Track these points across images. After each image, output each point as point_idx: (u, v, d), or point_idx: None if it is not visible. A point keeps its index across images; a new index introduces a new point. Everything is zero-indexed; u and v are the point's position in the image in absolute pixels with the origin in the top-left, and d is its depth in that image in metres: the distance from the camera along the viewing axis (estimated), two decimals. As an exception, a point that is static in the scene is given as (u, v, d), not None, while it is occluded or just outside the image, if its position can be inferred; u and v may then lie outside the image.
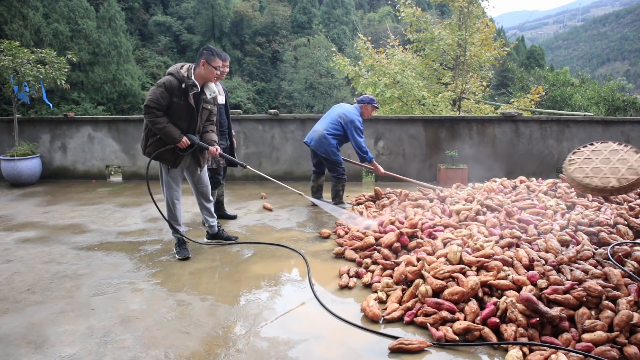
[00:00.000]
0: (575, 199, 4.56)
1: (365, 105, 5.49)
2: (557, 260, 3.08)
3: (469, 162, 7.17)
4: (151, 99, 3.58)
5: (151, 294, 3.24)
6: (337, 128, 5.36)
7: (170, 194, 3.92)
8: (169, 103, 3.62)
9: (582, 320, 2.57)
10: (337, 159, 5.41)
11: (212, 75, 3.73)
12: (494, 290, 2.91)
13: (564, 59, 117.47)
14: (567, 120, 7.39)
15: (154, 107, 3.58)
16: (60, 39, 25.12)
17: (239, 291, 3.30)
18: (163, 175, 3.91)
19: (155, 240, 4.49)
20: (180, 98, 3.64)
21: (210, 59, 3.69)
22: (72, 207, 5.84)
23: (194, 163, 4.01)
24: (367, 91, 12.15)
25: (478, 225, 3.95)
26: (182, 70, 3.67)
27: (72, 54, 8.12)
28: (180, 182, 3.97)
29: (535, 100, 13.46)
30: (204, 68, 3.70)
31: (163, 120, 3.62)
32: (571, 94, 18.12)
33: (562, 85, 19.69)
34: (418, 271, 3.15)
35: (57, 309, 3.00)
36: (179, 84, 3.62)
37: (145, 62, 34.43)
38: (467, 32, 11.78)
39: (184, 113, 3.72)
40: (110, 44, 27.77)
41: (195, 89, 3.66)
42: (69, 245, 4.34)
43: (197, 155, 3.96)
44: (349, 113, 5.36)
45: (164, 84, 3.60)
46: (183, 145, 3.73)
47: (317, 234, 4.59)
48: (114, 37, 28.09)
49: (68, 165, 7.78)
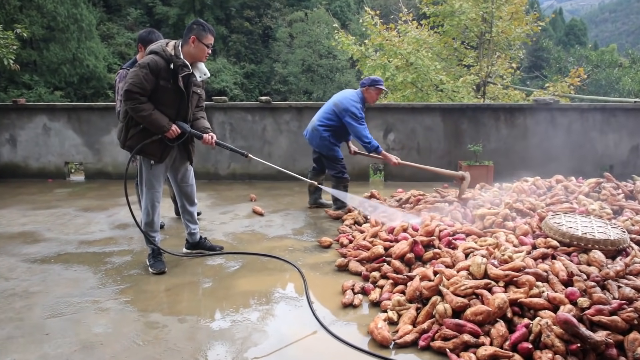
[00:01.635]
0: (623, 202, 4.56)
1: (367, 88, 5.42)
2: (602, 275, 3.09)
3: (495, 158, 7.19)
4: (133, 82, 3.53)
5: (119, 315, 3.23)
6: (331, 118, 5.39)
7: (152, 195, 3.91)
8: (155, 87, 3.60)
9: (633, 348, 2.57)
10: (333, 154, 5.43)
11: (204, 54, 3.73)
12: (526, 310, 2.91)
13: (610, 34, 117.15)
14: (613, 108, 7.41)
15: (137, 92, 3.54)
16: (7, 10, 24.86)
17: (224, 311, 3.30)
18: (144, 172, 3.89)
19: (125, 250, 4.49)
20: (168, 81, 3.63)
21: (201, 36, 3.68)
22: (23, 211, 5.84)
23: (181, 157, 4.02)
24: (375, 74, 12.16)
25: (506, 232, 3.96)
26: (168, 48, 3.66)
27: (22, 28, 8.11)
28: (162, 181, 3.98)
29: (575, 85, 13.50)
30: (194, 46, 3.69)
31: (148, 107, 3.59)
32: (619, 76, 18.19)
33: (607, 67, 19.76)
34: (435, 287, 3.15)
35: (4, 335, 2.99)
36: (166, 65, 3.61)
37: (112, 39, 34.32)
38: (494, 4, 11.80)
39: (172, 98, 3.72)
40: (69, 17, 27.56)
41: (186, 69, 3.66)
42: (18, 257, 4.33)
43: (187, 147, 3.98)
44: (345, 100, 5.36)
45: (149, 65, 3.56)
46: (172, 135, 3.72)
47: (317, 243, 4.60)
48: (73, 9, 27.89)
49: (18, 162, 7.78)
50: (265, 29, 40.28)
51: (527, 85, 20.93)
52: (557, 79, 15.26)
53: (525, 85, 20.96)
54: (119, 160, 7.54)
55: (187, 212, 4.23)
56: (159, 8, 38.57)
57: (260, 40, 40.05)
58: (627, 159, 7.19)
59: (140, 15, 37.49)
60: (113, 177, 7.57)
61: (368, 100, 5.46)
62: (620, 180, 5.33)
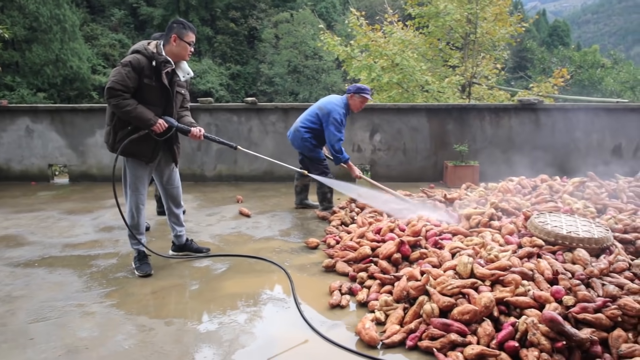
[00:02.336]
0: (606, 201, 4.63)
1: (352, 95, 5.44)
2: (586, 273, 3.13)
3: (480, 158, 7.24)
4: (116, 80, 3.51)
5: (105, 319, 3.21)
6: (313, 121, 5.42)
7: (136, 198, 3.89)
8: (138, 86, 3.59)
9: (617, 345, 2.61)
10: (314, 155, 5.47)
11: (186, 52, 3.73)
12: (512, 309, 2.94)
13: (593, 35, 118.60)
14: (596, 108, 7.51)
15: (119, 89, 3.51)
16: (-12, 10, 24.63)
17: (211, 313, 3.29)
18: (128, 175, 3.86)
19: (110, 253, 4.45)
20: (151, 79, 3.62)
21: (182, 34, 3.68)
22: (6, 215, 5.76)
23: (166, 159, 4.00)
24: (360, 75, 12.21)
25: (492, 232, 3.99)
26: (150, 46, 3.65)
27: (4, 29, 8.03)
28: (147, 184, 3.96)
29: (558, 85, 13.66)
30: (175, 44, 3.68)
31: (132, 102, 3.56)
32: (602, 77, 18.44)
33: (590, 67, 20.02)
34: (422, 287, 3.17)
35: (-11, 338, 2.96)
36: (149, 62, 3.60)
37: (96, 40, 34.00)
38: (478, 5, 11.90)
39: (157, 96, 3.70)
40: (52, 18, 27.27)
41: (169, 65, 3.65)
42: (1, 261, 4.27)
43: (172, 148, 3.95)
44: (329, 104, 5.38)
45: (130, 63, 3.55)
46: (159, 129, 3.68)
47: (304, 244, 4.60)
48: (56, 9, 27.59)
49: (0, 165, 7.68)
50: (250, 30, 40.18)
51: (512, 86, 21.11)
52: (541, 80, 15.43)
53: (509, 85, 21.15)
54: (103, 162, 7.47)
55: (173, 214, 4.20)
56: (143, 9, 38.28)
57: (246, 41, 39.94)
58: (609, 158, 7.28)
59: (125, 16, 37.19)
60: (98, 179, 7.49)
61: (352, 108, 5.48)
62: (604, 179, 5.40)
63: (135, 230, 3.94)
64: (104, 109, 7.54)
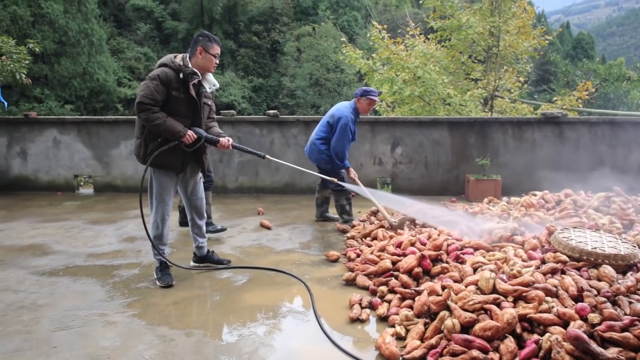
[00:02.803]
0: (633, 217, 4.53)
1: (359, 98, 5.44)
2: (613, 291, 3.06)
3: (503, 172, 7.17)
4: (145, 94, 3.57)
5: (126, 328, 3.23)
6: (325, 130, 5.43)
7: (163, 209, 3.93)
8: (167, 98, 3.65)
9: (644, 364, 2.54)
10: (331, 168, 5.45)
11: (212, 64, 3.80)
12: (535, 326, 2.89)
13: (618, 48, 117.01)
14: (622, 121, 7.38)
15: (149, 103, 3.57)
16: (20, 25, 25.25)
17: (231, 325, 3.30)
18: (155, 186, 3.90)
19: (133, 263, 4.50)
20: (179, 91, 3.68)
21: (207, 46, 3.74)
22: (33, 224, 5.88)
23: (193, 169, 4.04)
24: (382, 88, 12.23)
25: (515, 247, 3.94)
26: (176, 59, 3.73)
27: (34, 43, 8.24)
28: (173, 195, 4.01)
29: (583, 99, 13.46)
30: (201, 57, 3.75)
31: (162, 116, 3.62)
32: (627, 90, 18.13)
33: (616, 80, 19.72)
34: (443, 302, 3.13)
35: (12, 347, 3.00)
36: (176, 75, 3.66)
37: (122, 53, 34.71)
38: (501, 18, 11.84)
39: (186, 108, 3.77)
40: (80, 32, 27.95)
41: (196, 77, 3.71)
42: (27, 269, 4.35)
43: (200, 158, 4.00)
44: (338, 111, 5.39)
45: (159, 76, 3.61)
46: (189, 140, 3.73)
47: (324, 257, 4.59)
48: (84, 24, 28.28)
49: (28, 175, 7.85)
50: (273, 43, 40.60)
51: (535, 99, 20.90)
52: (565, 93, 15.24)
53: (533, 98, 20.94)
54: (127, 173, 7.58)
55: (196, 225, 4.23)
56: (168, 23, 39.00)
57: (268, 55, 40.34)
58: (636, 172, 7.14)
59: (150, 30, 37.91)
60: (122, 190, 7.60)
61: (360, 111, 5.48)
62: (630, 194, 5.30)
63: (158, 240, 3.98)
64: (128, 121, 7.69)
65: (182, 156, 3.83)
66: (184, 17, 39.89)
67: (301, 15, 42.84)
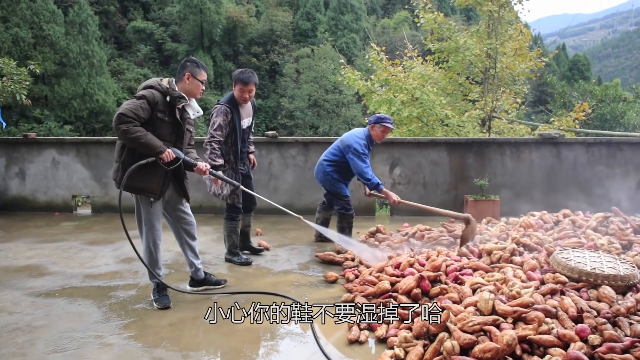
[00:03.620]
0: (632, 237, 4.53)
1: (373, 126, 5.42)
2: (613, 312, 3.04)
3: (501, 192, 7.17)
4: (128, 107, 3.50)
5: (122, 350, 3.20)
6: (335, 154, 5.44)
7: (153, 235, 3.88)
8: (150, 120, 3.61)
9: (644, 385, 2.52)
10: (336, 190, 5.47)
11: (198, 90, 3.81)
12: (535, 347, 2.87)
13: (614, 69, 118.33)
14: (619, 142, 7.42)
15: (131, 116, 3.48)
16: (21, 47, 25.53)
17: (229, 346, 3.27)
18: (142, 212, 3.85)
19: (130, 284, 4.47)
20: (164, 113, 3.66)
21: (195, 72, 3.76)
22: (30, 244, 5.85)
23: (176, 194, 3.98)
24: (380, 110, 12.29)
25: (514, 268, 3.92)
26: (163, 82, 3.72)
27: (35, 65, 8.30)
28: (161, 219, 3.96)
29: (580, 120, 13.54)
30: (188, 82, 3.77)
31: (142, 130, 3.53)
32: (623, 111, 18.27)
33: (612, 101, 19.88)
34: (442, 323, 3.11)
35: (8, 369, 2.97)
36: (163, 97, 3.65)
37: (122, 74, 34.99)
38: (498, 41, 11.97)
39: (169, 131, 3.74)
40: (81, 53, 28.22)
41: (183, 100, 3.70)
42: (23, 290, 4.32)
43: (182, 183, 3.97)
44: (349, 137, 5.40)
45: (145, 96, 3.58)
46: (167, 158, 3.64)
47: (322, 278, 4.56)
48: (85, 46, 28.57)
49: (26, 195, 7.84)
50: (272, 65, 40.99)
51: (532, 120, 21.03)
52: (562, 114, 15.33)
53: (530, 119, 21.08)
54: (125, 194, 7.55)
55: (189, 246, 4.16)
56: (168, 45, 39.38)
57: (267, 76, 40.69)
58: (634, 193, 7.15)
59: (150, 52, 38.28)
60: (120, 210, 7.57)
61: (374, 138, 5.46)
62: (628, 214, 5.30)
63: (153, 266, 3.93)
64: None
65: (160, 180, 3.73)
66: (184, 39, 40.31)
67: (300, 37, 43.33)
